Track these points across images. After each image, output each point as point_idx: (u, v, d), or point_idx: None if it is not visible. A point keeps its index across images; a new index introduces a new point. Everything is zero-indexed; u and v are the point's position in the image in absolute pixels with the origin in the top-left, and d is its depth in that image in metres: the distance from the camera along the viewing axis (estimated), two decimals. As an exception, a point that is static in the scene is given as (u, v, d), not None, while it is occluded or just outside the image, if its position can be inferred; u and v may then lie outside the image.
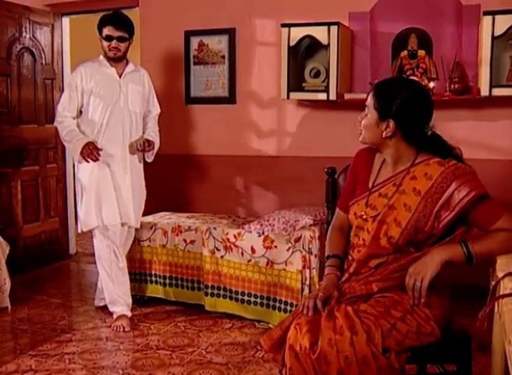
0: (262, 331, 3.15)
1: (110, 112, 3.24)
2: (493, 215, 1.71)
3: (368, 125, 1.83)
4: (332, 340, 1.57)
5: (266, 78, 3.95)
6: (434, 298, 1.77)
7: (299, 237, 3.15)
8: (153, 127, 3.44)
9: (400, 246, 1.77)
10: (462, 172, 1.73)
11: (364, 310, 1.66)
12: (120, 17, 3.26)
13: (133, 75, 3.35)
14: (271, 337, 1.83)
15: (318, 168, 3.91)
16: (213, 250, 3.34)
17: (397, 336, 1.64)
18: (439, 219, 1.72)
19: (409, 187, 1.78)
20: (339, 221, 2.04)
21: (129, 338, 3.07)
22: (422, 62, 3.43)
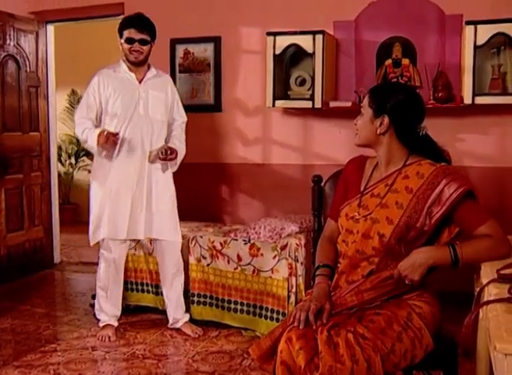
0: (249, 339, 3.14)
1: (129, 120, 3.10)
2: (478, 218, 1.73)
3: (364, 123, 1.87)
4: (333, 368, 1.56)
5: (252, 86, 3.96)
6: (425, 308, 1.78)
7: (285, 244, 3.15)
8: (178, 135, 3.26)
9: (391, 246, 1.77)
10: (452, 171, 1.77)
11: (362, 334, 1.65)
12: (142, 19, 3.13)
13: (155, 81, 3.20)
14: (260, 347, 1.82)
15: (303, 175, 3.96)
16: (199, 258, 3.32)
17: (394, 359, 1.65)
18: (430, 215, 1.75)
19: (401, 186, 1.81)
20: (329, 231, 2.04)
21: (115, 347, 3.04)
22: (406, 71, 3.46)
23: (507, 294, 1.33)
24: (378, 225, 1.80)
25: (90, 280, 4.39)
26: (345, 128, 3.78)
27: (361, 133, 1.90)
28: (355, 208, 1.89)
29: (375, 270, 1.81)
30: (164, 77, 3.28)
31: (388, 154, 1.87)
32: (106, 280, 3.21)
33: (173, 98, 3.28)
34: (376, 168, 1.94)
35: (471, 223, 1.73)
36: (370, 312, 1.77)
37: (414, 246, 1.78)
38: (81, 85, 6.77)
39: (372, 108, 1.85)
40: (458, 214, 1.74)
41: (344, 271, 1.87)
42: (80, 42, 6.53)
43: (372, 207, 1.84)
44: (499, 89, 3.19)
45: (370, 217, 1.83)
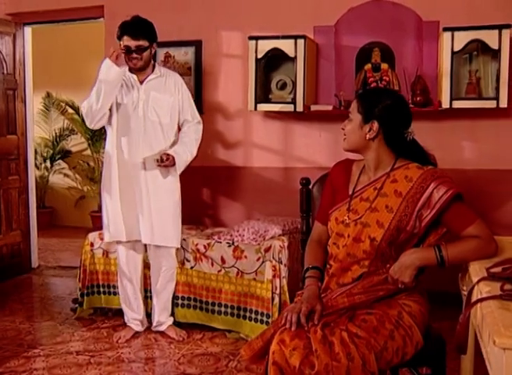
0: (233, 341, 3.15)
1: (128, 121, 3.04)
2: (466, 219, 1.77)
3: (352, 129, 1.90)
4: (329, 365, 1.58)
5: (232, 89, 3.97)
6: (414, 306, 1.82)
7: (269, 246, 3.17)
8: (184, 138, 3.15)
9: (382, 249, 1.81)
10: (440, 174, 1.81)
11: (355, 333, 1.68)
12: (137, 25, 3.01)
13: (158, 82, 3.09)
14: (252, 347, 1.83)
15: (284, 178, 3.99)
16: (183, 261, 3.32)
17: (387, 357, 1.68)
18: (420, 218, 1.78)
19: (390, 190, 1.84)
20: (317, 233, 2.06)
21: (100, 352, 3.01)
22: (385, 75, 3.52)
23: (500, 291, 1.37)
24: (369, 229, 1.83)
25: (69, 284, 4.35)
26: (325, 131, 3.83)
27: (350, 138, 1.92)
28: (344, 213, 1.92)
29: (366, 273, 1.85)
30: (171, 77, 3.15)
31: (376, 158, 1.90)
32: (123, 293, 3.24)
33: (182, 99, 3.16)
34: (363, 172, 1.97)
35: (459, 225, 1.78)
36: (361, 312, 1.80)
37: (404, 248, 1.82)
38: (56, 88, 6.75)
39: (361, 113, 1.88)
40: (447, 216, 1.78)
41: (335, 274, 1.89)
42: (55, 44, 6.44)
43: (362, 211, 1.87)
44: (475, 93, 3.27)
45: (360, 221, 1.85)
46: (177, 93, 3.14)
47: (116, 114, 3.08)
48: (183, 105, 3.17)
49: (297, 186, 3.90)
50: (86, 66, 6.56)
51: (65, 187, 7.04)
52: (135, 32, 2.98)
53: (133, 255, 3.21)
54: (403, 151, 1.91)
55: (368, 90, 2.02)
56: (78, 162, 6.89)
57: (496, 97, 3.14)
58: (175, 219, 3.17)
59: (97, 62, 3.42)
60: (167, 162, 3.00)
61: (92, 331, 3.31)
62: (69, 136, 6.92)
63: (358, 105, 1.90)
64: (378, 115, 1.85)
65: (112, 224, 3.11)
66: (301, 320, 1.73)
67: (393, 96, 1.93)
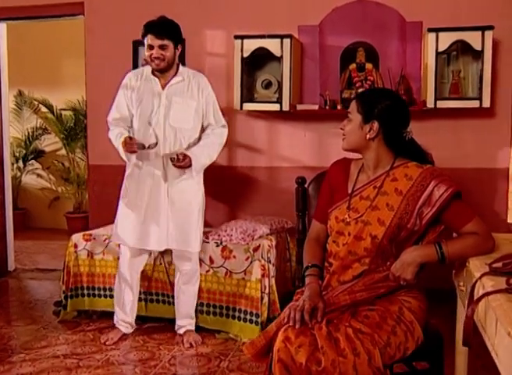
0: (223, 341, 3.17)
1: (148, 127, 3.00)
2: (465, 217, 1.83)
3: (352, 129, 1.94)
4: (336, 361, 1.62)
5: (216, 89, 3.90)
6: (414, 302, 1.87)
7: (257, 246, 3.20)
8: (205, 140, 3.06)
9: (383, 246, 1.85)
10: (439, 173, 1.86)
11: (359, 329, 1.72)
12: (162, 24, 2.97)
13: (181, 86, 3.02)
14: (254, 345, 1.86)
15: (269, 178, 4.02)
16: (170, 261, 3.31)
17: (390, 352, 1.72)
18: (421, 216, 1.83)
19: (390, 188, 1.88)
20: (315, 232, 2.10)
21: (88, 355, 2.99)
22: (370, 75, 3.58)
23: (505, 285, 1.42)
24: (370, 227, 1.87)
25: (48, 287, 4.31)
26: (310, 131, 3.88)
27: (350, 138, 1.96)
28: (344, 211, 1.95)
29: (367, 271, 1.89)
30: (195, 80, 3.08)
31: (376, 158, 1.95)
32: (119, 296, 3.20)
33: (206, 102, 3.09)
34: (362, 170, 2.01)
35: (459, 222, 1.83)
36: (363, 309, 1.84)
37: (404, 245, 1.87)
38: (29, 86, 6.63)
39: (361, 113, 1.92)
40: (446, 214, 1.83)
41: (336, 271, 1.93)
42: (27, 40, 6.33)
43: (363, 210, 1.91)
44: (458, 94, 3.36)
45: (361, 220, 1.90)
46: (201, 96, 3.07)
47: (136, 119, 3.05)
48: (206, 109, 3.10)
49: (282, 185, 3.99)
50: (61, 63, 6.51)
51: (39, 187, 6.94)
52: (159, 31, 2.93)
53: (137, 261, 3.17)
54: (401, 150, 1.95)
55: (367, 90, 2.08)
56: (52, 162, 6.79)
57: (479, 97, 3.24)
58: (193, 222, 3.09)
59: (73, 59, 3.41)
60: (182, 162, 2.91)
61: (78, 334, 3.28)
62: (43, 135, 6.82)
63: (358, 105, 1.94)
64: (378, 115, 1.90)
65: (121, 228, 3.10)
66: (305, 318, 1.76)
67: (392, 96, 1.99)
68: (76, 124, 6.46)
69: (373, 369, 1.65)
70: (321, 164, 3.86)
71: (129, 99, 3.06)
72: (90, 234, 3.51)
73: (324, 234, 2.08)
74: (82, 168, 6.56)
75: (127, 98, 3.06)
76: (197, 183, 3.12)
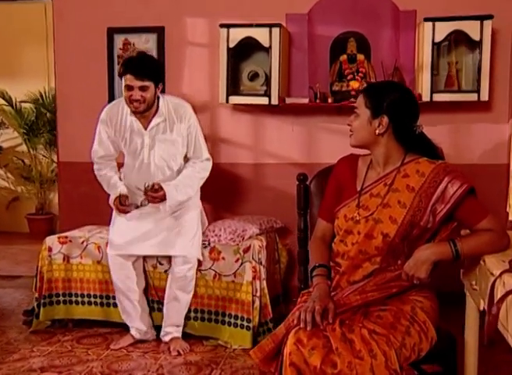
0: (212, 348, 3.19)
1: (133, 168, 3.12)
2: (478, 214, 1.90)
3: (360, 125, 1.98)
4: (352, 363, 1.66)
5: (198, 81, 3.99)
6: (425, 302, 1.93)
7: (248, 247, 3.23)
8: (184, 174, 3.11)
9: (395, 245, 1.91)
10: (452, 169, 1.93)
11: (373, 330, 1.77)
12: (142, 63, 2.94)
13: (163, 124, 3.05)
14: (262, 349, 1.90)
15: (254, 175, 4.05)
16: (155, 264, 3.31)
17: (406, 353, 1.77)
18: (434, 213, 1.89)
19: (402, 185, 1.94)
20: (321, 231, 2.14)
21: (68, 367, 2.97)
22: (362, 67, 3.64)
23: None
24: (382, 225, 1.92)
25: (14, 295, 4.25)
26: (298, 125, 3.92)
27: (358, 134, 2.01)
28: (354, 209, 2.00)
29: (378, 270, 1.94)
30: (178, 113, 3.08)
31: (385, 153, 2.00)
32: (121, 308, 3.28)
33: (189, 133, 3.12)
34: (370, 167, 2.07)
35: (473, 219, 1.90)
36: (375, 309, 1.89)
37: (416, 244, 1.93)
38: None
39: (370, 108, 1.97)
40: (460, 211, 1.90)
41: (346, 271, 1.98)
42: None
43: (373, 207, 1.96)
44: (455, 86, 3.45)
45: (372, 218, 1.95)
46: (185, 129, 3.10)
47: (125, 155, 3.18)
48: (188, 141, 3.14)
49: (268, 183, 4.03)
50: (20, 51, 6.38)
51: (-5, 187, 6.81)
52: (140, 71, 2.89)
53: (124, 266, 3.19)
54: (412, 145, 2.01)
55: (373, 84, 2.14)
56: (11, 159, 6.67)
57: (476, 90, 3.33)
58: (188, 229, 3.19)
59: (34, 47, 3.35)
60: (155, 193, 2.97)
61: (54, 345, 3.25)
62: (0, 130, 6.68)
63: (366, 100, 1.99)
64: (387, 109, 1.95)
65: (115, 237, 3.18)
66: (316, 319, 1.80)
67: (401, 89, 2.05)
68: (37, 118, 6.34)
69: (390, 371, 1.70)
70: (310, 160, 3.93)
71: (113, 136, 3.12)
72: (65, 237, 3.47)
73: (330, 233, 2.12)
74: (45, 166, 6.46)
75: (110, 135, 3.12)
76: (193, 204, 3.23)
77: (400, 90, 2.03)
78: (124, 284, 3.19)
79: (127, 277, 3.19)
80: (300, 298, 2.07)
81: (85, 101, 4.10)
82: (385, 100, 1.96)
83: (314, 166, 3.82)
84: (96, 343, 3.29)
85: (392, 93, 1.98)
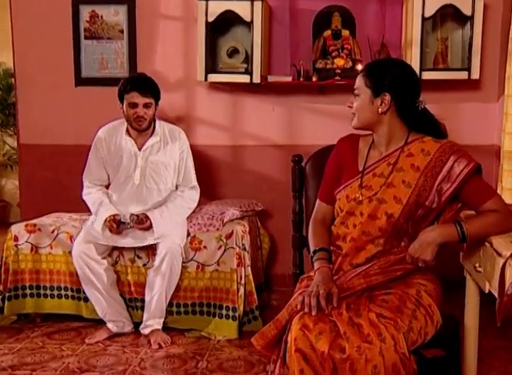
0: (195, 340, 3.23)
1: (123, 189, 3.30)
2: (485, 194, 1.97)
3: (362, 105, 2.04)
4: (361, 348, 1.71)
5: (172, 57, 3.96)
6: (429, 285, 2.00)
7: (230, 232, 3.25)
8: (172, 203, 3.29)
9: (399, 225, 1.97)
10: (458, 148, 2.00)
11: (380, 313, 1.82)
12: (146, 81, 3.26)
13: (158, 146, 3.30)
14: (265, 336, 1.95)
15: (233, 158, 4.07)
16: (133, 258, 3.31)
17: (413, 337, 1.83)
18: (440, 192, 1.96)
19: (406, 164, 2.00)
20: (321, 213, 2.19)
21: (41, 364, 2.94)
22: (347, 43, 3.68)
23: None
24: (386, 205, 1.98)
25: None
26: (279, 105, 3.95)
27: (361, 115, 2.06)
28: (356, 190, 2.05)
29: (381, 252, 2.00)
30: (173, 136, 3.34)
31: (389, 133, 2.05)
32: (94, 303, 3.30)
33: (180, 158, 3.36)
34: (372, 147, 2.12)
35: (478, 199, 1.97)
36: (379, 293, 1.96)
37: (421, 224, 1.99)
38: None
39: (370, 87, 2.02)
40: (466, 190, 1.96)
41: (349, 254, 2.03)
42: None
43: (377, 187, 2.02)
44: (444, 64, 3.53)
45: (376, 198, 2.00)
46: (178, 153, 3.35)
47: (112, 179, 3.36)
48: (181, 166, 3.37)
49: (248, 166, 4.05)
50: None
51: None
52: (145, 88, 3.21)
53: (90, 253, 3.20)
54: (415, 123, 2.07)
55: (372, 63, 2.19)
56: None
57: (467, 67, 3.41)
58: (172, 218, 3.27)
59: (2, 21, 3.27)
60: (142, 225, 3.15)
61: (22, 342, 3.21)
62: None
63: (365, 79, 2.04)
64: (389, 86, 2.00)
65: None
66: (321, 304, 1.85)
67: (401, 65, 2.11)
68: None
69: (399, 355, 1.75)
70: (291, 142, 3.97)
71: (104, 157, 3.33)
72: (34, 225, 3.43)
73: (330, 216, 2.17)
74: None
75: (102, 158, 3.33)
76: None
77: (400, 66, 2.09)
78: (82, 270, 3.21)
79: (84, 262, 3.21)
80: (300, 284, 2.11)
81: (48, 79, 4.04)
82: (385, 77, 2.01)
83: (296, 148, 3.88)
84: (69, 338, 3.28)
85: (392, 69, 2.04)
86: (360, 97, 2.05)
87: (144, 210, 3.24)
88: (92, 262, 3.20)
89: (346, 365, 1.72)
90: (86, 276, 3.21)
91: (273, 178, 4.01)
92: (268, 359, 1.99)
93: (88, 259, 3.19)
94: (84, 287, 3.26)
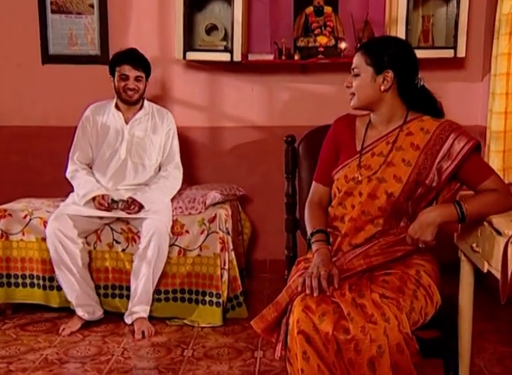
0: (178, 328, 3.28)
1: (108, 163, 3.40)
2: (483, 172, 2.05)
3: (363, 84, 2.09)
4: (366, 328, 1.78)
5: (147, 33, 3.95)
6: (428, 266, 2.09)
7: (213, 216, 3.29)
8: (156, 185, 3.39)
9: (399, 204, 2.04)
10: (457, 126, 2.08)
11: (382, 294, 1.90)
12: (137, 55, 3.42)
13: (145, 120, 3.46)
14: (265, 318, 2.00)
15: (211, 140, 4.09)
16: (111, 243, 3.32)
17: (415, 317, 1.91)
18: (440, 171, 2.03)
19: (406, 143, 2.07)
20: (317, 196, 2.25)
21: (17, 356, 2.95)
22: (329, 20, 3.73)
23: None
24: (386, 184, 2.05)
25: None
26: (259, 85, 3.99)
27: (362, 94, 2.10)
28: (355, 169, 2.12)
29: (380, 232, 2.07)
30: (160, 115, 3.52)
31: (389, 111, 2.12)
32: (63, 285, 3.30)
33: (167, 137, 3.50)
34: (370, 127, 2.19)
35: (476, 178, 2.05)
36: (379, 273, 2.03)
37: (420, 204, 2.07)
38: None
39: (372, 65, 2.07)
40: (465, 169, 2.04)
41: (348, 234, 2.10)
42: None
43: (376, 166, 2.08)
44: (429, 42, 3.61)
45: (375, 177, 2.07)
46: (165, 132, 3.50)
47: (97, 156, 3.45)
48: (166, 144, 3.51)
49: (226, 148, 4.09)
50: None
51: None
52: (137, 62, 3.39)
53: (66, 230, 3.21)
54: (414, 101, 2.14)
55: (370, 40, 2.28)
56: None
57: (453, 46, 3.50)
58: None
59: None
60: (132, 210, 3.25)
61: (-7, 335, 3.22)
62: None
63: (365, 57, 2.08)
64: (391, 63, 2.06)
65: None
66: (323, 285, 1.91)
67: (399, 42, 2.19)
68: None
69: (403, 335, 1.83)
70: (272, 123, 4.02)
71: (90, 136, 3.46)
72: (4, 210, 3.40)
73: (327, 198, 2.24)
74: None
75: (88, 135, 3.46)
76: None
77: (399, 42, 2.18)
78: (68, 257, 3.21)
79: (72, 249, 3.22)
80: (296, 266, 2.17)
81: (13, 57, 3.99)
82: (386, 54, 2.07)
83: (276, 130, 3.96)
84: (44, 329, 3.29)
85: (392, 46, 2.11)
86: (360, 76, 2.09)
87: (127, 186, 3.38)
88: (67, 241, 3.20)
89: (351, 345, 1.78)
90: (59, 255, 3.20)
91: (253, 161, 4.06)
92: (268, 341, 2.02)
93: (63, 237, 3.19)
94: (56, 269, 3.25)
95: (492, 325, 3.22)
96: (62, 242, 3.19)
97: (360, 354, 1.79)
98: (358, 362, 1.79)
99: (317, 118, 3.83)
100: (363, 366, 1.79)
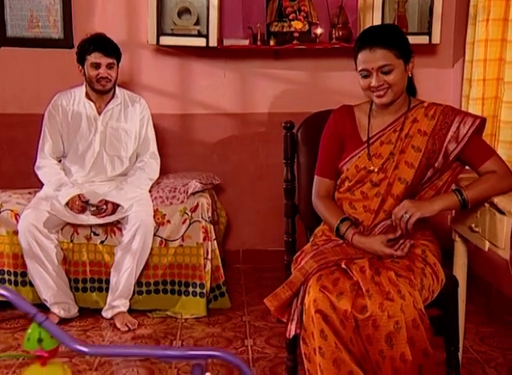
0: (161, 320, 3.40)
1: (82, 156, 3.45)
2: (484, 153, 2.28)
3: (400, 77, 2.25)
4: (384, 305, 1.97)
5: (113, 16, 4.01)
6: (431, 245, 2.30)
7: (195, 205, 3.42)
8: (132, 178, 3.47)
9: (412, 189, 2.25)
10: (458, 109, 2.32)
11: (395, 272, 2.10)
12: (107, 40, 3.42)
13: (118, 110, 3.50)
14: (278, 297, 2.17)
15: (182, 128, 4.21)
16: (89, 235, 3.41)
17: (425, 294, 2.11)
18: (447, 153, 2.25)
19: (413, 130, 2.28)
20: (324, 189, 2.43)
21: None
22: (303, 5, 3.90)
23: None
24: (398, 171, 2.26)
25: None
26: (230, 71, 4.12)
27: (399, 87, 2.26)
28: (365, 159, 2.31)
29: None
30: (133, 102, 3.56)
31: (403, 98, 2.32)
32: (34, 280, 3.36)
33: (141, 125, 3.56)
34: (372, 115, 2.38)
35: (478, 159, 2.28)
36: None
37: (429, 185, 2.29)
38: None
39: (401, 57, 2.23)
40: (467, 149, 2.26)
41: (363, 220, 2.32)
42: None
43: (386, 154, 2.29)
44: (405, 28, 3.83)
45: (388, 165, 2.27)
46: (138, 119, 3.55)
47: (69, 149, 3.49)
48: (140, 132, 3.57)
49: (198, 136, 4.21)
50: None
51: None
52: (108, 48, 3.39)
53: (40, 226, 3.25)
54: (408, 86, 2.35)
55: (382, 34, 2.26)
56: None
57: (428, 32, 3.75)
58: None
59: None
60: (104, 213, 3.31)
61: (-33, 333, 3.24)
62: None
63: (394, 52, 2.20)
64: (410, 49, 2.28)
65: None
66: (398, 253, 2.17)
67: (397, 27, 2.51)
68: None
69: (418, 311, 2.03)
70: (244, 110, 4.17)
71: (61, 127, 3.49)
72: (-27, 203, 3.43)
73: (333, 190, 2.44)
74: None
75: (58, 126, 3.48)
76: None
77: (395, 27, 2.48)
78: (27, 242, 3.25)
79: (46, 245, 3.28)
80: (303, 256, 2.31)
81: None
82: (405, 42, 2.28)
83: (249, 117, 4.11)
84: (19, 326, 3.34)
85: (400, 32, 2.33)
86: (394, 70, 2.21)
87: (104, 180, 3.45)
88: (41, 237, 3.25)
89: (369, 322, 1.98)
90: (32, 252, 3.24)
91: (225, 149, 4.20)
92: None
93: (37, 233, 3.23)
94: (29, 266, 3.29)
95: (472, 307, 3.47)
96: (37, 238, 3.24)
97: (378, 330, 1.98)
98: (376, 337, 1.98)
99: (290, 105, 4.05)
100: (381, 342, 1.98)
